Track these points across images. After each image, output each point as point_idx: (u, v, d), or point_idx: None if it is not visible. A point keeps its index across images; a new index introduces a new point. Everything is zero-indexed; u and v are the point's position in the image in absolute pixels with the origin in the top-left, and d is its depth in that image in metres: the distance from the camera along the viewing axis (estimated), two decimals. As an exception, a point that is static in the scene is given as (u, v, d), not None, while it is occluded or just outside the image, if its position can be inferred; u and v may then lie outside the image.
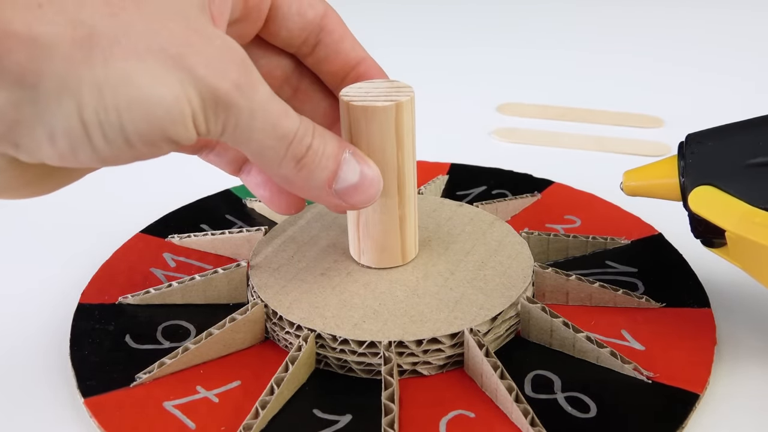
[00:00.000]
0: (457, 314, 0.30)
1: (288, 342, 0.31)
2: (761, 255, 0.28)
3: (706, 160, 0.30)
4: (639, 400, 0.28)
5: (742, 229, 0.28)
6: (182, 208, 0.42)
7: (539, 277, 0.33)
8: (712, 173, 0.29)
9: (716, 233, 0.29)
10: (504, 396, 0.28)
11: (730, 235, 0.28)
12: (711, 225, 0.29)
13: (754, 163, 0.28)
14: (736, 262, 0.30)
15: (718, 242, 0.30)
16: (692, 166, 0.30)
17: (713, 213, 0.29)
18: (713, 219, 0.29)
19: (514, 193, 0.43)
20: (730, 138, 0.30)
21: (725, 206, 0.28)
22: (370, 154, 0.30)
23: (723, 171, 0.29)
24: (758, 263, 0.28)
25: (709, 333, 0.31)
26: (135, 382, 0.29)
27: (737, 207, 0.28)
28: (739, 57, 0.69)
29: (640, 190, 0.32)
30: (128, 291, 0.35)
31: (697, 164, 0.30)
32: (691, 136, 0.31)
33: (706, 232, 0.30)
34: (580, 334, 0.30)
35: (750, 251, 0.28)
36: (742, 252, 0.29)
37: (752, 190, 0.28)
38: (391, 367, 0.28)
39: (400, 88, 0.30)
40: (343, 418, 0.28)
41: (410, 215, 0.32)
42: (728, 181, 0.29)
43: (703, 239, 0.31)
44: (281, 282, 0.32)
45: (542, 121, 0.56)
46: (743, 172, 0.29)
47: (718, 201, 0.29)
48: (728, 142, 0.29)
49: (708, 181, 0.29)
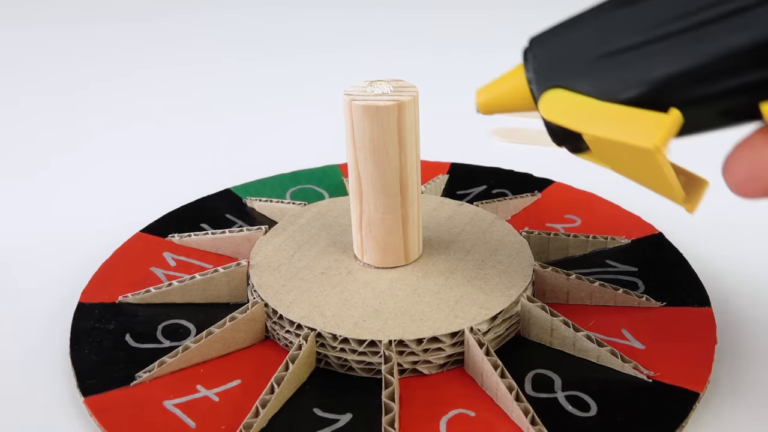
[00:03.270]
0: (457, 313, 0.30)
1: (288, 341, 0.31)
2: (622, 152, 0.25)
3: (551, 60, 0.26)
4: (639, 399, 0.28)
5: (597, 129, 0.25)
6: (182, 208, 0.42)
7: (539, 276, 0.33)
8: (559, 74, 0.26)
9: (577, 138, 0.26)
10: (504, 395, 0.28)
11: (587, 137, 0.25)
12: (567, 130, 0.26)
13: (600, 54, 0.25)
14: (604, 163, 0.27)
15: (584, 146, 0.27)
16: (537, 71, 0.26)
17: (566, 117, 0.25)
18: (567, 123, 0.25)
19: (514, 193, 0.43)
20: (572, 33, 0.26)
21: (577, 107, 0.25)
22: (372, 154, 0.30)
23: (570, 69, 0.26)
24: (622, 161, 0.26)
25: (709, 332, 0.31)
26: (135, 381, 0.29)
27: (589, 105, 0.25)
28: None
29: (494, 106, 0.29)
30: (128, 290, 0.35)
31: (541, 67, 0.26)
32: (534, 38, 0.27)
33: (567, 138, 0.27)
34: (581, 333, 0.30)
35: (611, 150, 0.25)
36: (605, 152, 0.26)
37: (601, 84, 0.25)
38: (391, 366, 0.28)
39: (404, 88, 0.30)
40: (344, 417, 0.28)
41: (413, 215, 0.32)
42: (576, 78, 0.25)
43: (567, 146, 0.28)
44: (281, 281, 0.32)
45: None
46: (592, 65, 0.25)
47: (569, 102, 0.25)
48: (570, 37, 0.26)
49: (556, 83, 0.26)
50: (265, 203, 0.42)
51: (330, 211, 0.38)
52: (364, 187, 0.31)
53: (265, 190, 0.44)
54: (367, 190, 0.31)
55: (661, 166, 0.24)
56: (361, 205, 0.32)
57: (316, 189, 0.45)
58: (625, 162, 0.26)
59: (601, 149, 0.26)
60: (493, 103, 0.28)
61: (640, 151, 0.24)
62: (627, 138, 0.24)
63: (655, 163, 0.24)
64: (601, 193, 0.43)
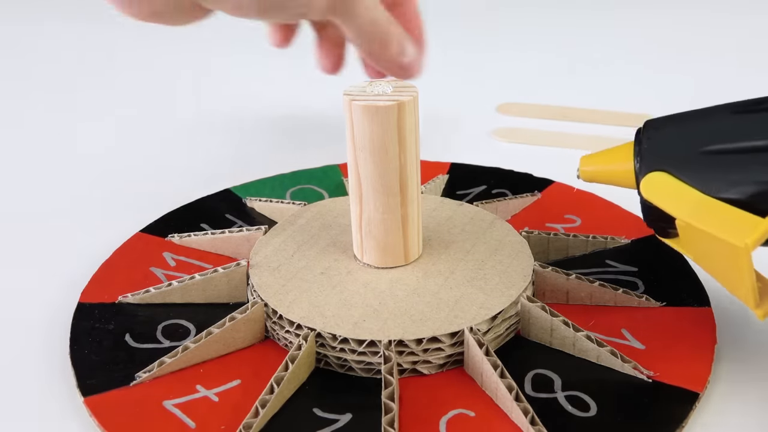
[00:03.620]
0: (457, 313, 0.30)
1: (288, 341, 0.31)
2: (710, 244, 0.26)
3: (662, 145, 0.28)
4: (639, 399, 0.28)
5: (692, 218, 0.26)
6: (182, 208, 0.42)
7: (539, 276, 0.33)
8: (666, 159, 0.28)
9: (668, 222, 0.28)
10: (504, 395, 0.28)
11: (680, 223, 0.27)
12: (662, 213, 0.27)
13: (709, 150, 0.27)
14: (688, 253, 0.28)
15: (672, 232, 0.29)
16: (647, 151, 0.28)
17: (664, 200, 0.27)
18: (664, 206, 0.27)
19: (514, 193, 0.43)
20: (687, 124, 0.28)
21: (677, 193, 0.27)
22: (372, 154, 0.30)
23: (677, 157, 0.28)
24: (707, 253, 0.27)
25: (709, 332, 0.31)
26: (135, 381, 0.29)
27: (689, 194, 0.27)
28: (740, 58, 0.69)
29: (596, 176, 0.31)
30: (128, 290, 0.35)
31: (652, 150, 0.28)
32: (650, 121, 0.29)
33: (659, 220, 0.29)
34: (580, 333, 0.30)
35: (699, 241, 0.27)
36: (693, 241, 0.27)
37: (704, 178, 0.27)
38: (391, 366, 0.28)
39: (404, 88, 0.30)
40: (343, 417, 0.28)
41: (413, 215, 0.32)
42: (682, 167, 0.27)
43: (656, 228, 0.30)
44: (281, 281, 0.32)
45: (542, 121, 0.56)
46: (698, 159, 0.27)
47: (670, 188, 0.27)
48: (685, 128, 0.28)
49: (662, 167, 0.28)
50: (265, 203, 0.42)
51: (330, 211, 0.38)
52: (364, 187, 0.31)
53: (265, 190, 0.44)
54: (366, 190, 0.31)
55: (744, 267, 0.25)
56: (360, 205, 0.32)
57: (316, 189, 0.45)
58: (711, 256, 0.27)
59: (689, 238, 0.27)
60: (596, 174, 0.31)
61: (729, 248, 0.25)
62: (720, 232, 0.25)
63: (739, 263, 0.25)
64: (601, 193, 0.43)
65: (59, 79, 0.71)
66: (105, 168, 0.51)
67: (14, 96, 0.67)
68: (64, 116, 0.61)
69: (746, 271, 0.25)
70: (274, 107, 0.61)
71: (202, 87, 0.67)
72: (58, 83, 0.69)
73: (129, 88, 0.68)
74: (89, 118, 0.60)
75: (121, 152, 0.53)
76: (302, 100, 0.62)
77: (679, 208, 0.27)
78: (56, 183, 0.49)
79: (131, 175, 0.49)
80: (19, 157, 0.53)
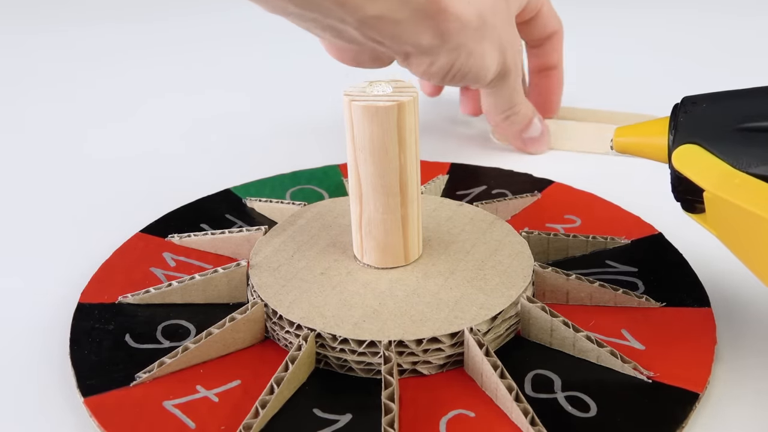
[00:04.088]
0: (457, 314, 0.30)
1: (288, 341, 0.31)
2: (737, 218, 0.27)
3: (697, 120, 0.29)
4: (639, 400, 0.28)
5: (721, 189, 0.27)
6: (182, 208, 0.42)
7: (539, 276, 0.33)
8: (699, 133, 0.29)
9: (696, 195, 0.28)
10: (504, 395, 0.28)
11: (708, 195, 0.28)
12: (691, 185, 0.28)
13: (743, 127, 0.28)
14: (713, 229, 0.29)
15: (698, 207, 0.29)
16: (682, 125, 0.29)
17: (694, 171, 0.28)
18: (693, 177, 0.28)
19: (514, 193, 0.43)
20: (724, 102, 0.29)
21: (707, 165, 0.28)
22: (372, 154, 0.30)
23: (711, 132, 0.28)
24: (734, 228, 0.28)
25: (709, 333, 0.31)
26: (135, 382, 0.29)
27: (719, 167, 0.27)
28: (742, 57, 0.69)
29: (630, 147, 0.32)
30: (128, 290, 0.35)
31: (686, 124, 0.29)
32: (688, 97, 0.30)
33: (686, 192, 0.29)
34: (580, 333, 0.30)
35: (726, 215, 0.27)
36: (719, 216, 0.28)
37: (736, 153, 0.27)
38: (391, 366, 0.28)
39: (403, 88, 0.30)
40: (343, 418, 0.28)
41: (413, 215, 0.32)
42: (714, 142, 0.28)
43: (683, 202, 0.30)
44: (281, 281, 0.32)
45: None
46: (731, 135, 0.28)
47: (701, 160, 0.28)
48: (721, 105, 0.29)
49: (694, 140, 0.29)
50: (265, 203, 0.42)
51: (330, 212, 0.38)
52: (364, 187, 0.31)
53: (265, 190, 0.44)
54: (366, 190, 0.31)
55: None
56: (360, 205, 0.32)
57: (316, 189, 0.45)
58: (736, 231, 0.27)
59: (717, 212, 0.28)
60: (629, 145, 0.32)
61: (758, 221, 0.25)
62: (749, 204, 0.26)
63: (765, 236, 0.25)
64: (601, 194, 0.43)
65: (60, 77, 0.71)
66: (105, 168, 0.51)
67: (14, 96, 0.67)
68: (63, 115, 0.61)
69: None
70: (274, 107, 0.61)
71: (203, 87, 0.67)
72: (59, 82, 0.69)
73: (129, 87, 0.68)
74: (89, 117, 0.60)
75: (121, 152, 0.53)
76: (302, 100, 0.62)
77: (708, 180, 0.27)
78: (56, 183, 0.49)
79: (131, 175, 0.49)
80: (19, 157, 0.53)
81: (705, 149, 0.28)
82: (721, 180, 0.27)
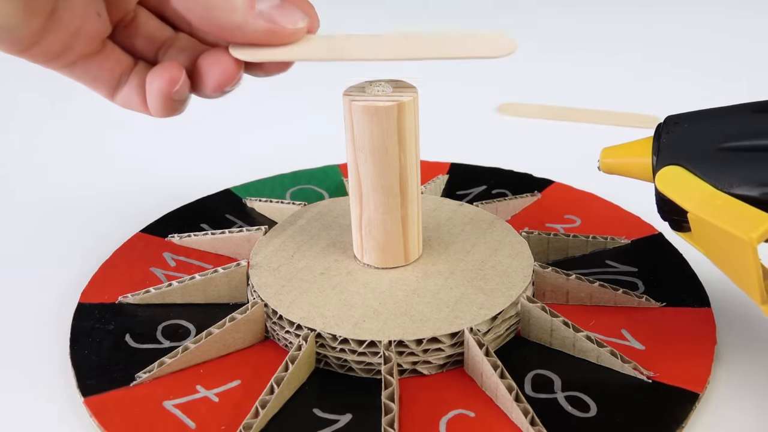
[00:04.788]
0: (457, 314, 0.30)
1: (288, 341, 0.31)
2: (721, 239, 0.27)
3: (679, 141, 0.29)
4: (639, 400, 0.28)
5: (703, 211, 0.27)
6: (182, 208, 0.42)
7: (539, 276, 0.33)
8: (682, 154, 0.29)
9: (681, 215, 0.29)
10: (504, 395, 0.28)
11: (691, 216, 0.28)
12: (676, 206, 0.28)
13: (724, 147, 0.28)
14: (699, 247, 0.29)
15: (685, 226, 0.30)
16: (665, 146, 0.29)
17: (678, 193, 0.28)
18: (677, 199, 0.28)
19: (514, 193, 0.43)
20: (705, 121, 0.29)
21: (690, 187, 0.28)
22: (372, 154, 0.30)
23: (693, 153, 0.29)
24: (716, 247, 0.28)
25: (709, 333, 0.31)
26: (135, 382, 0.29)
27: (701, 188, 0.28)
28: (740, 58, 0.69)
29: (615, 168, 0.32)
30: (128, 290, 0.35)
31: (669, 144, 0.29)
32: (670, 117, 0.30)
33: (672, 213, 0.30)
34: (580, 333, 0.30)
35: (710, 234, 0.28)
36: (703, 235, 0.28)
37: (718, 173, 0.28)
38: (391, 366, 0.28)
39: (404, 88, 0.30)
40: (343, 418, 0.28)
41: (413, 215, 0.32)
42: (697, 163, 0.28)
43: (670, 222, 0.31)
44: (281, 281, 0.32)
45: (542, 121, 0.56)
46: (712, 155, 0.28)
47: (683, 181, 0.28)
48: (702, 125, 0.29)
49: (677, 161, 0.29)
50: (265, 203, 0.42)
51: (330, 212, 0.38)
52: (364, 187, 0.31)
53: (265, 190, 0.44)
54: (366, 190, 0.31)
55: (751, 261, 0.26)
56: (360, 205, 0.32)
57: (316, 189, 0.45)
58: (720, 250, 0.28)
59: (701, 232, 0.28)
60: (615, 166, 0.32)
61: (737, 242, 0.26)
62: (728, 226, 0.26)
63: (747, 257, 0.26)
64: (601, 193, 0.43)
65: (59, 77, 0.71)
66: (105, 168, 0.51)
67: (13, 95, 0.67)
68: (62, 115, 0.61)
69: (752, 266, 0.26)
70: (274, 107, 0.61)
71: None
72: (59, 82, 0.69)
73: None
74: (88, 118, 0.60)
75: (121, 152, 0.53)
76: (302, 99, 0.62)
77: (690, 201, 0.28)
78: (56, 183, 0.49)
79: (131, 175, 0.49)
80: (18, 157, 0.53)
81: (688, 170, 0.28)
82: (703, 201, 0.27)
